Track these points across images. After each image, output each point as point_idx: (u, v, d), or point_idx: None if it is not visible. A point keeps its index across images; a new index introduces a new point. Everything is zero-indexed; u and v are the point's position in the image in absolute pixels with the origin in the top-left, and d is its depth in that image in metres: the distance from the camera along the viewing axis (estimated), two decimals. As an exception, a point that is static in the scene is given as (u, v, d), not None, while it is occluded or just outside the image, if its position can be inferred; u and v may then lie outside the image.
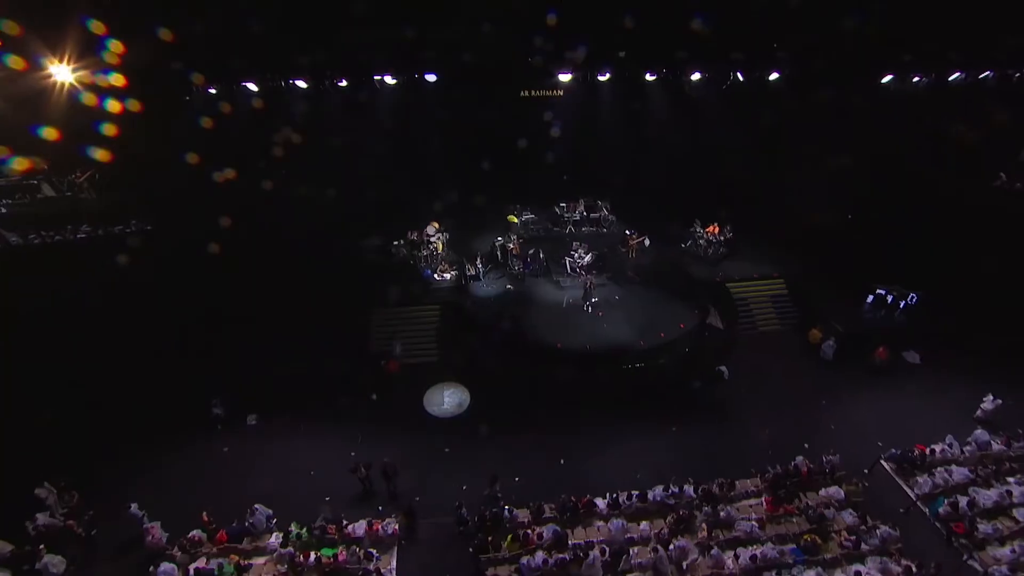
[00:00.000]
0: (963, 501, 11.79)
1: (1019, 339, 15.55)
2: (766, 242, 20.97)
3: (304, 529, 11.61)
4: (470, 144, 21.64)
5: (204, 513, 11.75)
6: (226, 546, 11.51)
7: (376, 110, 19.30)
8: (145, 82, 11.73)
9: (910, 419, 14.53)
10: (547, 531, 11.43)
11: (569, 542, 11.38)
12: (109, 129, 11.97)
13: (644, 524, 11.66)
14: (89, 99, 10.92)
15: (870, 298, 17.94)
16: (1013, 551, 10.88)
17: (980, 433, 13.47)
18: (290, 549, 11.31)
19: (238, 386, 15.57)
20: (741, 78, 18.12)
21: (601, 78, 19.52)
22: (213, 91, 14.67)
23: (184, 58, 12.03)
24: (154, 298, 15.44)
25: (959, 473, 12.50)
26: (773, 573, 10.44)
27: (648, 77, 18.62)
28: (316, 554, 11.11)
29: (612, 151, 23.35)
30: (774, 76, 17.47)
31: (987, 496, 11.95)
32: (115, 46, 10.10)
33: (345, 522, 11.89)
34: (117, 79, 10.72)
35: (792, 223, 20.36)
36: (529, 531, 11.44)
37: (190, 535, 11.47)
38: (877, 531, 11.22)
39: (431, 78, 17.23)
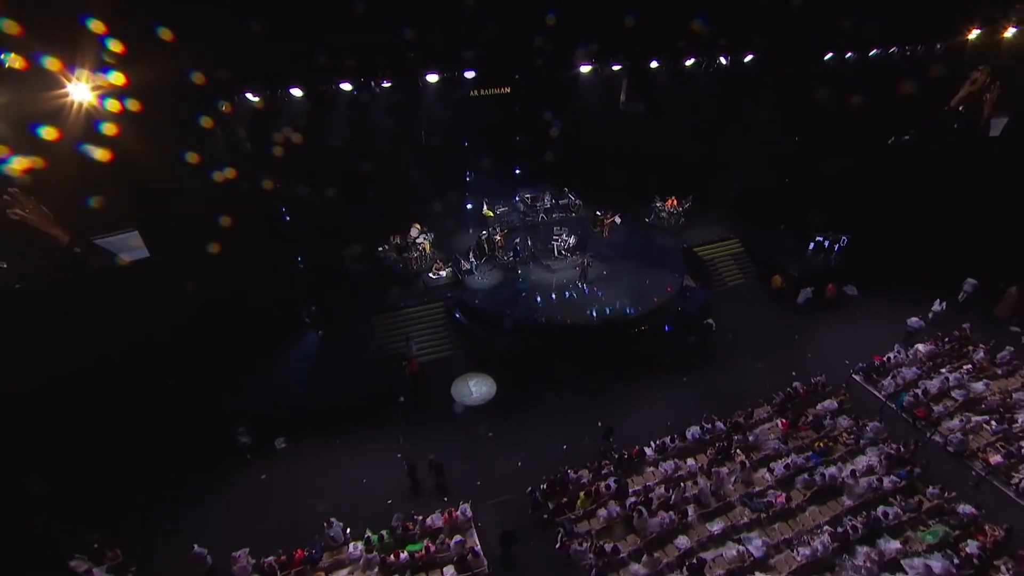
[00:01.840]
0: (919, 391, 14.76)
1: (927, 267, 19.35)
2: (719, 209, 23.62)
3: (385, 531, 11.77)
4: (436, 143, 22.02)
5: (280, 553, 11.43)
6: (305, 566, 11.40)
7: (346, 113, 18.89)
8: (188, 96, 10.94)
9: (863, 338, 17.58)
10: (611, 483, 12.60)
11: (630, 489, 12.67)
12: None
13: (690, 460, 13.25)
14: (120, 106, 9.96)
15: (811, 245, 21.12)
16: (960, 420, 13.91)
17: (913, 322, 17.22)
18: (375, 554, 11.45)
19: (257, 412, 14.96)
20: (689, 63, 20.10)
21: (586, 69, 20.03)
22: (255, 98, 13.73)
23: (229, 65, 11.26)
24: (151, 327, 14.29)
25: (910, 372, 15.53)
26: (804, 475, 12.46)
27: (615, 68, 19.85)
28: (404, 552, 11.37)
29: (571, 139, 24.79)
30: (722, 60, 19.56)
31: (932, 385, 15.01)
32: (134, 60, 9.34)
33: (420, 517, 12.21)
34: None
35: (740, 190, 23.14)
36: (595, 488, 12.54)
37: (267, 560, 11.19)
38: (867, 427, 13.75)
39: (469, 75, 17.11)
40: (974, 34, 19.49)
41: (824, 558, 10.92)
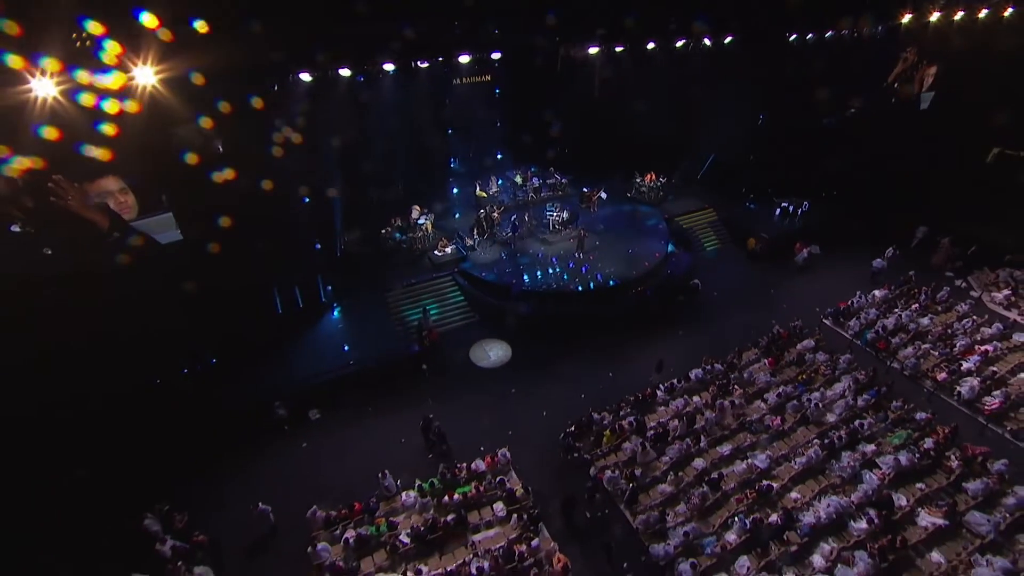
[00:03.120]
0: (879, 327, 17.18)
1: (876, 224, 22.03)
2: (694, 182, 25.65)
3: (435, 479, 12.87)
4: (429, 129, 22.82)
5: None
6: (364, 516, 12.34)
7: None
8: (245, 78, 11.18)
9: (828, 288, 19.96)
10: (631, 420, 14.19)
11: (648, 424, 14.31)
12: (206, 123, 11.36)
13: (695, 398, 15.04)
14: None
15: (777, 210, 23.44)
16: (913, 349, 16.38)
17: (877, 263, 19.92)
18: (428, 499, 12.56)
19: (287, 387, 15.57)
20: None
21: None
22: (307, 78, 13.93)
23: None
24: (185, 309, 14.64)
25: (871, 313, 17.96)
26: (794, 402, 14.50)
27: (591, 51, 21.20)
28: (456, 494, 12.53)
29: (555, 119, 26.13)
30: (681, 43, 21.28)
31: (889, 322, 17.48)
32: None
33: (464, 464, 13.38)
34: (198, 79, 10.22)
35: (712, 164, 25.22)
36: (618, 425, 14.10)
37: (332, 512, 12.09)
38: (841, 360, 15.98)
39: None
40: (906, 18, 22.12)
41: (816, 464, 12.94)
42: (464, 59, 17.02)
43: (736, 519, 11.60)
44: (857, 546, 11.16)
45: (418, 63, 15.83)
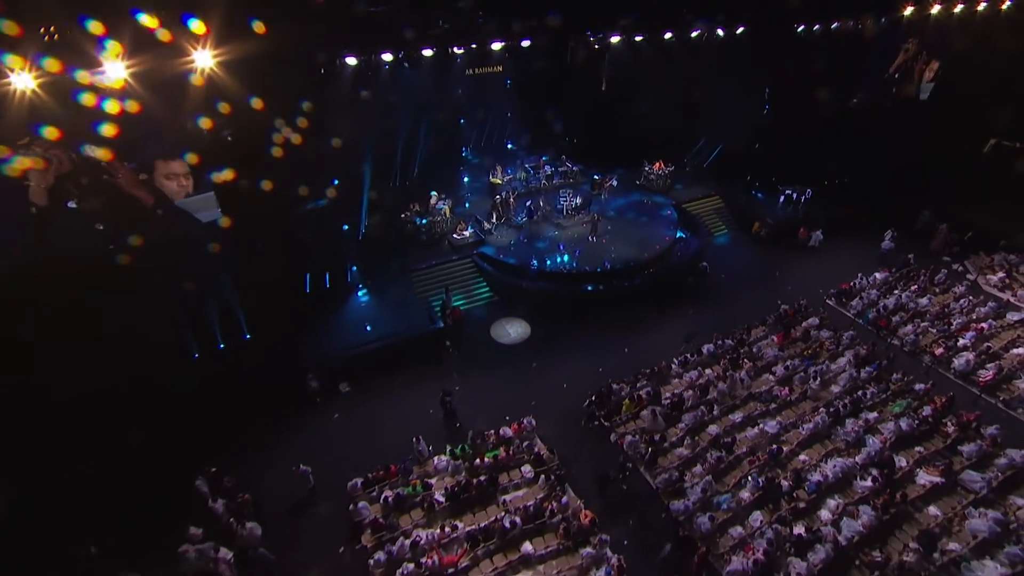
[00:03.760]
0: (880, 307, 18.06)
1: (878, 210, 22.91)
2: (701, 171, 26.42)
3: (466, 444, 13.67)
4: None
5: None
6: (399, 478, 13.12)
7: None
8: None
9: (831, 271, 20.82)
10: (648, 390, 15.02)
11: (663, 394, 15.15)
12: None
13: (708, 370, 15.88)
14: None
15: (781, 198, 24.24)
16: (912, 327, 17.29)
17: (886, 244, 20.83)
18: (459, 462, 13.36)
19: (317, 362, 16.26)
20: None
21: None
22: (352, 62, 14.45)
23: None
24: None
25: (872, 294, 18.84)
26: (800, 374, 15.37)
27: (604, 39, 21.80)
28: (487, 457, 13.33)
29: (565, 109, 26.84)
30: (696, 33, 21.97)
31: (889, 302, 18.36)
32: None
33: (492, 431, 14.17)
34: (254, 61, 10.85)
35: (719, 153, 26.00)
36: (636, 395, 14.92)
37: (368, 475, 12.88)
38: (844, 336, 16.86)
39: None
40: (908, 11, 22.85)
41: (822, 430, 13.82)
42: (496, 46, 17.57)
43: (749, 478, 12.46)
44: (861, 502, 12.06)
45: (454, 48, 16.40)
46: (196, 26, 10.04)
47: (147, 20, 9.56)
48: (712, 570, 11.11)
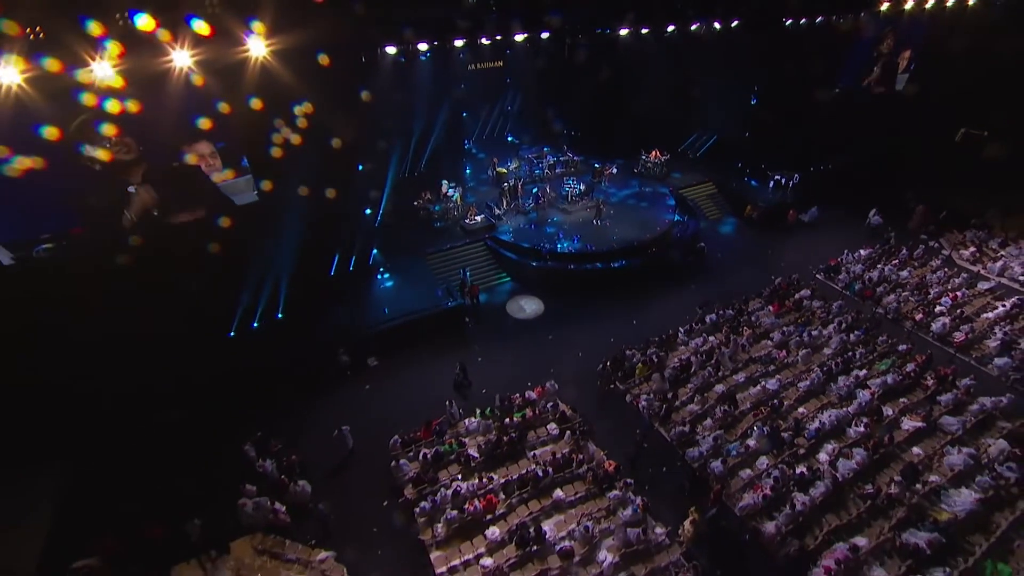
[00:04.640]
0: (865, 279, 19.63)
1: (861, 193, 24.60)
2: (695, 158, 27.86)
3: (496, 404, 14.76)
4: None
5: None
6: (434, 437, 14.15)
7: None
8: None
9: (819, 249, 22.38)
10: (657, 355, 16.29)
11: (669, 359, 16.44)
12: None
13: (711, 337, 17.21)
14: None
15: (771, 183, 25.78)
16: (894, 296, 18.87)
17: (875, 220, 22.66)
18: (489, 421, 14.46)
19: (344, 338, 17.15)
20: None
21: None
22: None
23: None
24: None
25: (858, 268, 20.42)
26: (795, 337, 16.80)
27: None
28: (516, 416, 14.44)
29: (561, 102, 28.02)
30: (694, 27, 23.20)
31: (873, 275, 19.95)
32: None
33: (518, 394, 15.28)
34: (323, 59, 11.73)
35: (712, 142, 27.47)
36: (648, 359, 16.18)
37: (406, 435, 13.90)
38: (834, 305, 18.37)
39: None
40: (885, 6, 24.48)
41: (817, 387, 15.25)
42: (519, 37, 18.55)
43: (755, 427, 13.80)
44: (854, 445, 13.47)
45: (481, 40, 17.37)
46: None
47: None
48: (725, 507, 12.41)
